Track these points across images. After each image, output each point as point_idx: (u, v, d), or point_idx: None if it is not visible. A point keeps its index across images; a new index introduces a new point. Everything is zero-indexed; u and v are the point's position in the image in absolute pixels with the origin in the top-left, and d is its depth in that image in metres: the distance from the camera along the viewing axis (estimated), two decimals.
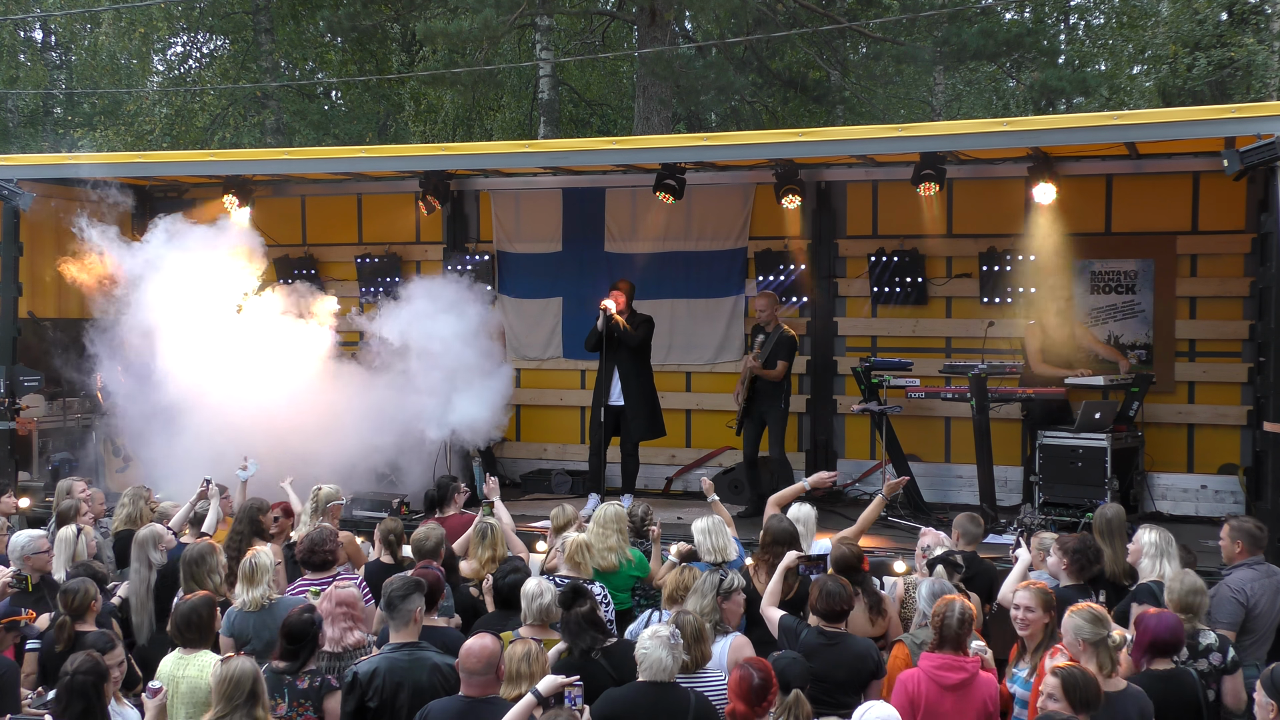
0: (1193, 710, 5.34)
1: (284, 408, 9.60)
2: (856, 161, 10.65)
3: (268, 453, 8.89)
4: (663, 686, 5.09)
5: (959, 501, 10.47)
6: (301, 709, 5.36)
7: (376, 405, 9.87)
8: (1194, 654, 5.65)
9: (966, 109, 26.54)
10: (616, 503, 7.77)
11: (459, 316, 10.02)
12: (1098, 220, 10.65)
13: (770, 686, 4.80)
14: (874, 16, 20.03)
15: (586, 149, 11.42)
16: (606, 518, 7.39)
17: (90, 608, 6.08)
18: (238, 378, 9.73)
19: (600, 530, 7.31)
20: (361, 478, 10.11)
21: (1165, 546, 6.33)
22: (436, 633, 5.99)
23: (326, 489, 8.02)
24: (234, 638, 6.21)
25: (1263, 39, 21.72)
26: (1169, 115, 9.57)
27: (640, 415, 10.45)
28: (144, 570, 6.87)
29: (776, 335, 10.25)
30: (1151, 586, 6.19)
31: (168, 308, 9.89)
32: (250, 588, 6.22)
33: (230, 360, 9.80)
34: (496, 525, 7.36)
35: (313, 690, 5.37)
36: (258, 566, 6.28)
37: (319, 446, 9.44)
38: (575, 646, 5.61)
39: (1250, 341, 10.04)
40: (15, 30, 25.66)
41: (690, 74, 18.72)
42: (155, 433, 10.00)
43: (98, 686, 4.90)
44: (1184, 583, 5.75)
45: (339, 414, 9.75)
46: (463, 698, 4.97)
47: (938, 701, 5.18)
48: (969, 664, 5.29)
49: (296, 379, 9.91)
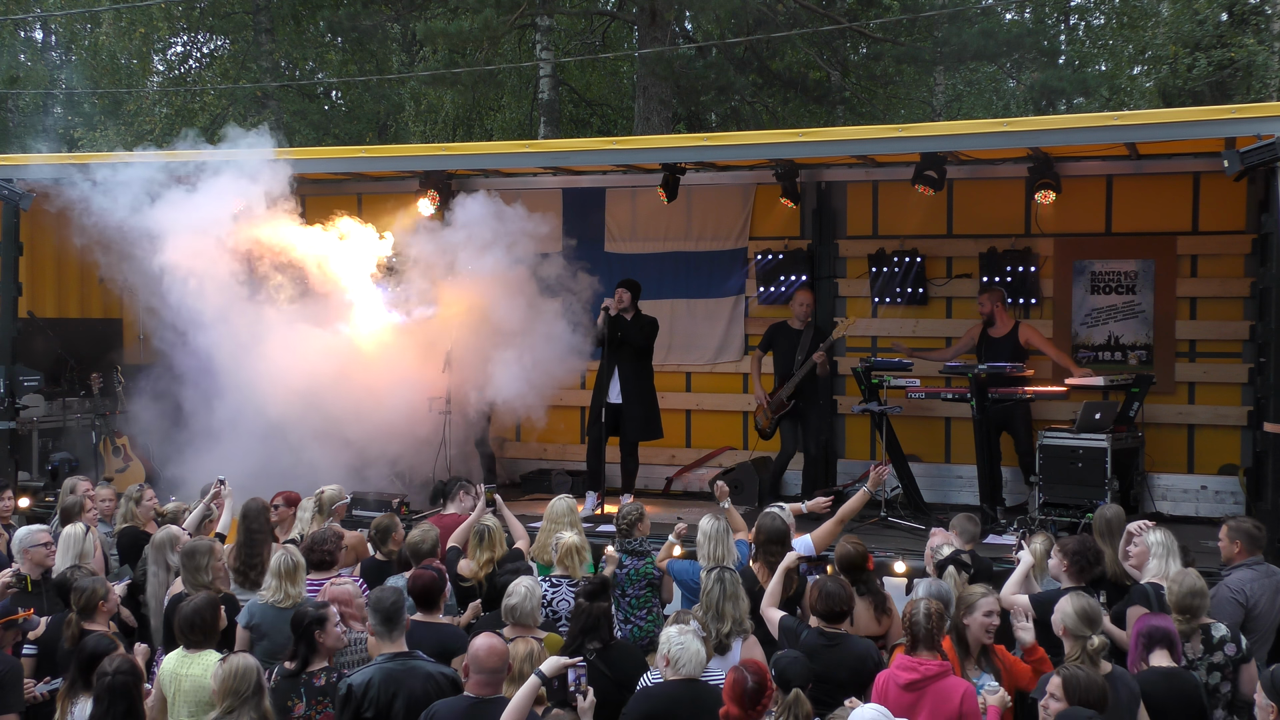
0: (1195, 709, 5.34)
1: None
2: (857, 162, 10.65)
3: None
4: (695, 683, 5.15)
5: (959, 501, 10.46)
6: (320, 706, 5.40)
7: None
8: (1209, 647, 5.68)
9: (967, 109, 26.53)
10: (564, 496, 7.77)
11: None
12: (1098, 220, 10.65)
13: (765, 691, 4.79)
14: (874, 17, 20.02)
15: (586, 149, 11.42)
16: (558, 512, 7.43)
17: (99, 607, 6.09)
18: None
19: (551, 525, 7.36)
20: (369, 481, 10.15)
21: (1170, 545, 6.33)
22: (433, 629, 6.01)
23: (330, 490, 8.03)
24: (250, 630, 6.24)
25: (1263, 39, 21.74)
26: (1169, 116, 9.56)
27: (638, 415, 10.45)
28: (162, 573, 6.86)
29: (813, 331, 10.48)
30: (1147, 588, 6.20)
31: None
32: (288, 584, 6.23)
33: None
34: (495, 527, 7.35)
35: (330, 687, 5.41)
36: (298, 565, 6.32)
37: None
38: (578, 639, 5.63)
39: (1250, 342, 10.03)
40: (16, 30, 25.67)
41: (690, 74, 18.73)
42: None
43: (137, 686, 4.96)
44: (1183, 584, 5.76)
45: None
46: (468, 697, 4.97)
47: (896, 700, 5.14)
48: (927, 665, 5.21)
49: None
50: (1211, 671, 5.69)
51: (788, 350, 10.48)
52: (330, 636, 5.50)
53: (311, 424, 9.73)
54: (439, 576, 6.31)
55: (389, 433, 10.05)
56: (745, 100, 21.17)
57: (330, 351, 10.05)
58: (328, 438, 9.77)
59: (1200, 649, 5.68)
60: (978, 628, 5.61)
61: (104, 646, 5.44)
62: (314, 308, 10.27)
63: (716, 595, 5.85)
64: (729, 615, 5.85)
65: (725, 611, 5.84)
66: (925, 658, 5.26)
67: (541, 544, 7.43)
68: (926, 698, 5.13)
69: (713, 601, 5.85)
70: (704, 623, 5.74)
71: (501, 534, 7.37)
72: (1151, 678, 5.29)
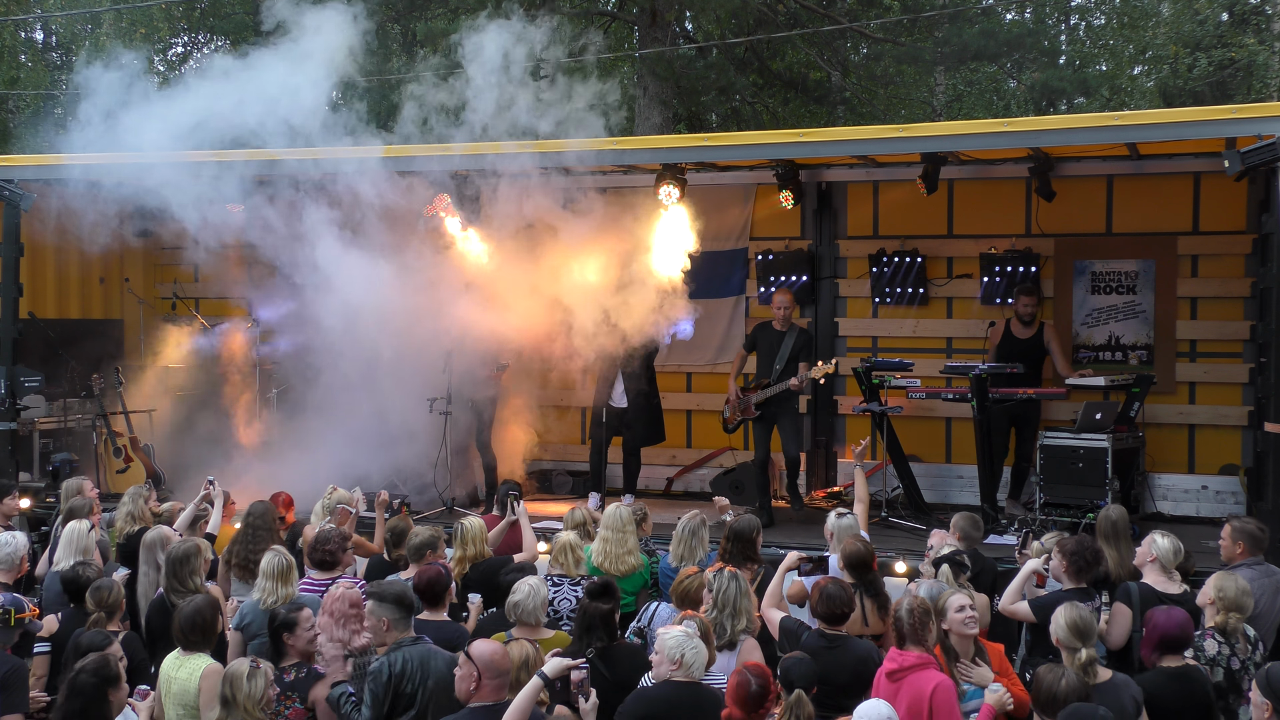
0: (1203, 707, 5.37)
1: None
2: (857, 162, 10.65)
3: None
4: (695, 685, 5.13)
5: (959, 501, 10.44)
6: (288, 701, 5.44)
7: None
8: (1251, 646, 5.76)
9: (967, 109, 26.51)
10: (620, 504, 7.77)
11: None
12: (1098, 221, 10.64)
13: (768, 694, 4.79)
14: (875, 17, 20.03)
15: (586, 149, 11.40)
16: (622, 521, 7.37)
17: (120, 605, 6.18)
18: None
19: (618, 535, 7.32)
20: (371, 483, 10.13)
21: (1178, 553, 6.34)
22: (438, 626, 6.04)
23: (340, 492, 8.04)
24: (243, 631, 6.27)
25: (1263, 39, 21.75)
26: (1170, 116, 9.56)
27: (641, 420, 10.44)
28: (152, 573, 6.88)
29: (795, 334, 10.13)
30: (1130, 587, 6.22)
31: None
32: (280, 585, 6.25)
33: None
34: (468, 526, 7.31)
35: (299, 681, 5.45)
36: (290, 565, 6.35)
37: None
38: (581, 641, 5.62)
39: (1251, 342, 10.03)
40: (16, 31, 25.66)
41: (690, 74, 18.72)
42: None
43: (101, 689, 4.87)
44: (1237, 584, 5.81)
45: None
46: (475, 709, 4.89)
47: (885, 691, 5.23)
48: (907, 657, 5.28)
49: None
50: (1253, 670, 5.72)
51: (767, 352, 10.20)
52: (300, 640, 5.56)
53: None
54: (445, 573, 6.32)
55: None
56: (745, 100, 21.17)
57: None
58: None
59: (1247, 649, 5.75)
60: (956, 625, 5.65)
61: (99, 642, 5.42)
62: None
63: (733, 593, 5.85)
64: (744, 611, 5.87)
65: (741, 608, 5.85)
66: (912, 651, 5.31)
67: (619, 553, 7.35)
68: (904, 687, 5.20)
69: (729, 599, 5.85)
70: (717, 620, 5.75)
71: (475, 535, 7.28)
72: (1158, 679, 5.30)
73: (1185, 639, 5.44)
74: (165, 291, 13.15)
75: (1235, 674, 5.67)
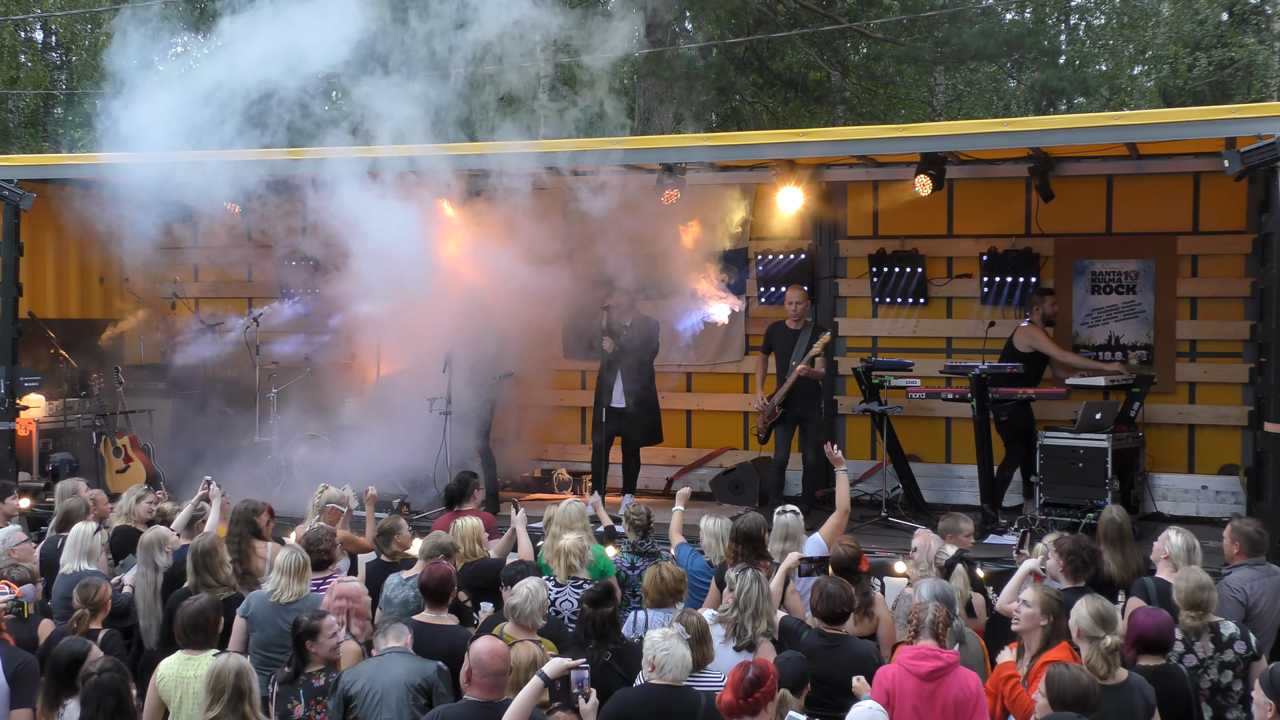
0: (1183, 706, 5.37)
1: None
2: (857, 162, 10.65)
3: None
4: (674, 688, 5.10)
5: (959, 502, 10.45)
6: (318, 706, 5.44)
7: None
8: (1219, 646, 5.70)
9: (967, 109, 26.51)
10: (571, 499, 7.73)
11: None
12: (1098, 220, 10.64)
13: (762, 684, 4.76)
14: (874, 17, 20.02)
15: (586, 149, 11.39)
16: (571, 517, 7.34)
17: (105, 605, 6.20)
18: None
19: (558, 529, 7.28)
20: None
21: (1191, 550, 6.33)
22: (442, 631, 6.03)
23: (331, 490, 8.03)
24: (248, 619, 6.31)
25: (1263, 39, 21.74)
26: (1170, 116, 9.56)
27: (640, 421, 10.44)
28: (150, 573, 6.87)
29: (810, 330, 10.09)
30: (1147, 582, 6.21)
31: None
32: (294, 582, 6.27)
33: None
34: (461, 525, 7.32)
35: (329, 686, 5.43)
36: (306, 564, 6.39)
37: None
38: (585, 646, 5.62)
39: (1251, 342, 10.03)
40: (15, 30, 25.66)
41: (690, 74, 18.70)
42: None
43: (125, 683, 4.95)
44: (1190, 579, 5.77)
45: None
46: (473, 702, 4.92)
47: (913, 691, 5.21)
48: (944, 655, 5.30)
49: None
50: (1223, 670, 5.69)
51: (783, 351, 10.20)
52: (323, 647, 5.55)
53: None
54: (451, 572, 6.33)
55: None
56: (746, 101, 21.16)
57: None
58: None
59: (1210, 648, 5.69)
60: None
61: (80, 649, 5.35)
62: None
63: (755, 594, 5.81)
64: (765, 614, 5.84)
65: (762, 610, 5.82)
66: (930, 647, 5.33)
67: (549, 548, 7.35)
68: (939, 688, 5.21)
69: (752, 599, 5.81)
70: (738, 621, 5.74)
71: (468, 535, 7.28)
72: (1141, 674, 5.29)
73: (1165, 640, 5.43)
74: (165, 291, 13.16)
75: (1193, 671, 5.63)
